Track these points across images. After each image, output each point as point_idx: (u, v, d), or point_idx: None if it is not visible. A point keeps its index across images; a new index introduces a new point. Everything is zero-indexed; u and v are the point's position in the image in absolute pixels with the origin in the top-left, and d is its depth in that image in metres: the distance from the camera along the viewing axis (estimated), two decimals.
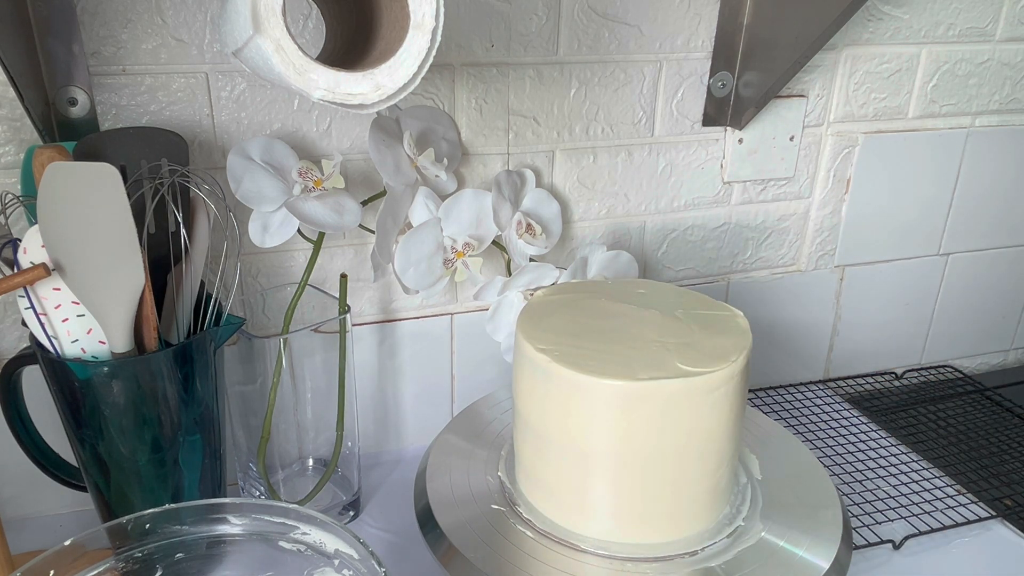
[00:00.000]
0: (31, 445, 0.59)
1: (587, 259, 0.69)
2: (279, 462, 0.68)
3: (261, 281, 0.69)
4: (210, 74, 0.62)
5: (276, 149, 0.61)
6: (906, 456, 0.79)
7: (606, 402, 0.48)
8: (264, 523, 0.48)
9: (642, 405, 0.47)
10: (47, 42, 0.56)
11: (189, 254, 0.56)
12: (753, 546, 0.51)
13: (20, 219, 0.59)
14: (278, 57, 0.44)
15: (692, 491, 0.50)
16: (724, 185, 0.81)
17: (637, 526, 0.51)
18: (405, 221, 0.65)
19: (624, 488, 0.50)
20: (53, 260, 0.50)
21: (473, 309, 0.76)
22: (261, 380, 0.63)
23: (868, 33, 0.80)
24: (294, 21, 0.62)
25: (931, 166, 0.89)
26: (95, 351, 0.53)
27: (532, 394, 0.51)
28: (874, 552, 0.66)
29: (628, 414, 0.48)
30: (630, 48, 0.72)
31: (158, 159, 0.56)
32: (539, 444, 0.52)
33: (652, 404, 0.47)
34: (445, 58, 0.67)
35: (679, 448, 0.49)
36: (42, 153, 0.50)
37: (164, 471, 0.56)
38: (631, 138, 0.76)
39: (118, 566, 0.46)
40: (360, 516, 0.70)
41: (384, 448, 0.79)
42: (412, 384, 0.77)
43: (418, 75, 0.47)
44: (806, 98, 0.80)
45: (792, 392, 0.90)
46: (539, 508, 0.53)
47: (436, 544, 0.52)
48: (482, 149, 0.71)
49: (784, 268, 0.88)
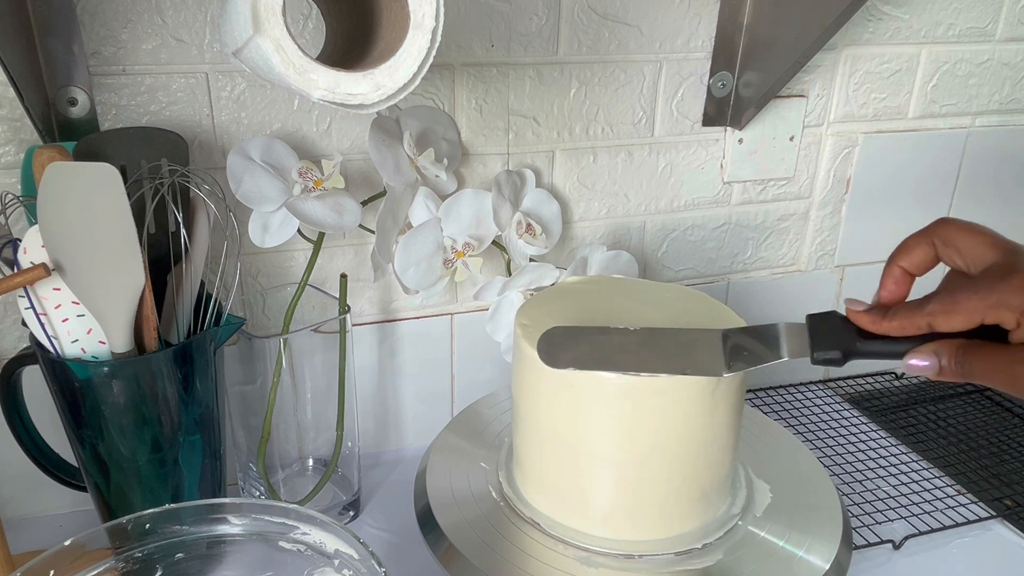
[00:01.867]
0: (31, 445, 0.59)
1: (587, 259, 0.69)
2: (279, 462, 0.68)
3: (261, 281, 0.69)
4: (210, 74, 0.62)
5: (276, 149, 0.61)
6: (906, 456, 0.79)
7: (607, 398, 0.48)
8: (264, 523, 0.48)
9: (643, 402, 0.47)
10: (47, 42, 0.56)
11: (189, 254, 0.56)
12: (753, 546, 0.51)
13: (20, 219, 0.59)
14: (278, 57, 0.44)
15: (692, 488, 0.50)
16: (724, 185, 0.81)
17: (637, 523, 0.51)
18: (405, 221, 0.65)
19: (624, 485, 0.50)
20: (53, 260, 0.50)
21: (473, 309, 0.76)
22: (261, 380, 0.63)
23: (868, 33, 0.80)
24: (294, 21, 0.62)
25: (931, 166, 0.89)
26: (95, 351, 0.53)
27: (532, 391, 0.51)
28: (874, 552, 0.66)
29: (629, 411, 0.48)
30: (630, 48, 0.72)
31: (158, 159, 0.56)
32: (539, 441, 0.52)
33: (653, 401, 0.47)
34: (445, 58, 0.67)
35: (679, 444, 0.49)
36: (42, 153, 0.50)
37: (164, 471, 0.56)
38: (631, 138, 0.76)
39: (118, 566, 0.46)
40: (360, 516, 0.70)
41: (384, 448, 0.79)
42: (412, 384, 0.77)
43: (418, 75, 0.47)
44: (806, 98, 0.80)
45: (792, 392, 0.90)
46: (538, 507, 0.53)
47: (436, 544, 0.52)
48: (482, 149, 0.71)
49: (784, 268, 0.88)
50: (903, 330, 0.42)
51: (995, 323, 0.39)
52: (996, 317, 0.39)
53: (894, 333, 0.42)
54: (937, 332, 0.41)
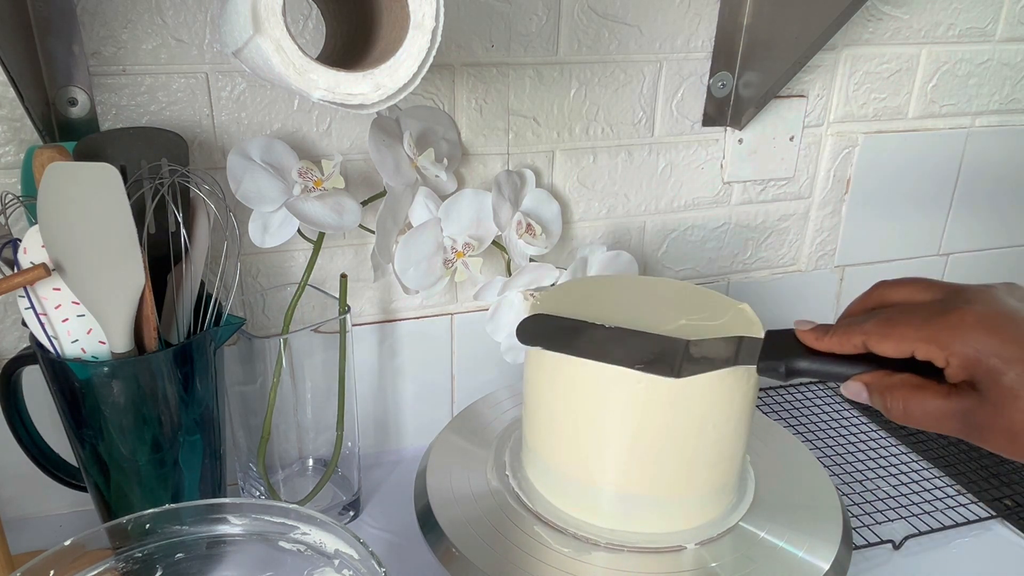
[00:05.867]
0: (31, 445, 0.59)
1: (587, 259, 0.69)
2: (279, 462, 0.68)
3: (261, 281, 0.69)
4: (210, 74, 0.62)
5: (276, 149, 0.61)
6: (906, 456, 0.79)
7: (621, 390, 0.48)
8: (264, 523, 0.48)
9: (657, 395, 0.47)
10: (47, 42, 0.56)
11: (189, 254, 0.56)
12: (753, 546, 0.51)
13: (20, 219, 0.59)
14: (278, 57, 0.44)
15: (698, 484, 0.50)
16: (724, 185, 0.81)
17: (640, 519, 0.51)
18: (405, 221, 0.65)
19: (633, 477, 0.50)
20: (53, 260, 0.50)
21: (473, 309, 0.76)
22: (261, 380, 0.63)
23: (868, 33, 0.80)
24: (294, 21, 0.62)
25: (931, 166, 0.89)
26: (95, 351, 0.53)
27: (549, 382, 0.51)
28: (874, 552, 0.66)
29: (642, 403, 0.48)
30: (630, 48, 0.72)
31: (158, 159, 0.56)
32: (551, 433, 0.52)
33: (671, 390, 0.47)
34: (445, 58, 0.67)
35: (693, 433, 0.49)
36: (42, 153, 0.50)
37: (164, 471, 0.56)
38: (631, 138, 0.76)
39: (118, 566, 0.46)
40: (360, 516, 0.70)
41: (384, 448, 0.79)
42: (412, 384, 0.77)
43: (418, 75, 0.47)
44: (806, 98, 0.80)
45: (792, 392, 0.90)
46: (548, 498, 0.53)
47: (436, 544, 0.52)
48: (482, 149, 0.71)
49: (784, 268, 0.88)
50: (840, 346, 0.42)
51: (926, 359, 0.38)
52: (926, 352, 0.38)
53: (832, 349, 0.42)
54: (875, 356, 0.41)
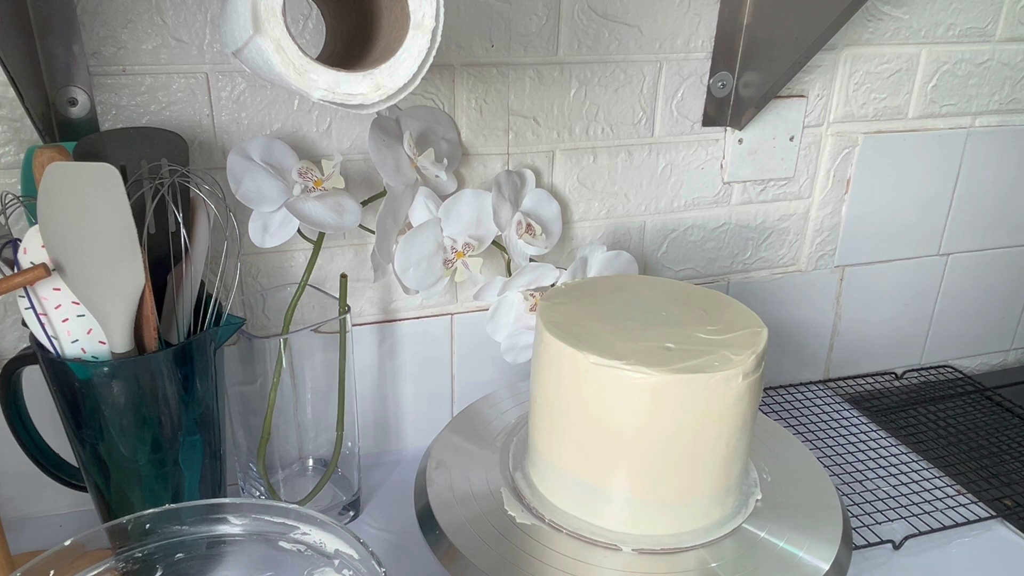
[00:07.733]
0: (31, 445, 0.59)
1: (587, 259, 0.69)
2: (279, 462, 0.68)
3: (261, 281, 0.69)
4: (210, 74, 0.62)
5: (276, 149, 0.61)
6: (906, 456, 0.79)
7: (629, 388, 0.48)
8: (264, 523, 0.48)
9: (665, 394, 0.48)
10: (47, 42, 0.56)
11: (189, 254, 0.56)
12: (753, 546, 0.51)
13: (20, 219, 0.59)
14: (278, 57, 0.44)
15: (701, 485, 0.51)
16: (724, 185, 0.81)
17: (643, 519, 0.51)
18: (405, 221, 0.65)
19: (639, 476, 0.50)
20: (53, 260, 0.50)
21: (473, 309, 0.76)
22: (261, 380, 0.63)
23: (868, 33, 0.80)
24: (294, 21, 0.62)
25: (931, 166, 0.89)
26: (95, 351, 0.53)
27: (556, 381, 0.52)
28: (874, 552, 0.66)
29: (649, 401, 0.48)
30: (630, 48, 0.72)
31: (158, 159, 0.56)
32: (559, 431, 0.52)
33: (678, 391, 0.47)
34: (445, 58, 0.67)
35: (699, 433, 0.49)
36: (42, 153, 0.50)
37: (164, 471, 0.56)
38: (631, 138, 0.76)
39: (118, 566, 0.46)
40: (360, 516, 0.70)
41: (384, 448, 0.79)
42: (412, 384, 0.77)
43: (418, 75, 0.47)
44: (806, 98, 0.80)
45: (792, 392, 0.90)
46: (549, 498, 0.53)
47: (436, 544, 0.52)
48: (482, 149, 0.71)
49: (784, 268, 0.88)
50: None
51: None
52: None
53: None
54: None
